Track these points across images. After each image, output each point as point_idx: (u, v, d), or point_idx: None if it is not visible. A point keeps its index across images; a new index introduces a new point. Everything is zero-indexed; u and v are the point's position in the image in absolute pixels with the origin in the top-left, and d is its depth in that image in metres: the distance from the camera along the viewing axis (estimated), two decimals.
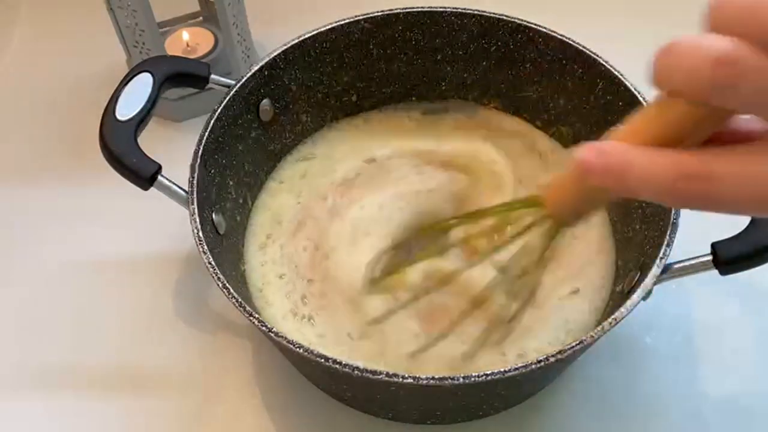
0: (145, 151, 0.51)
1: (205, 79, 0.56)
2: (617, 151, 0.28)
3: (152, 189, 0.51)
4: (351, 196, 0.60)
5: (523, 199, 0.39)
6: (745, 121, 0.28)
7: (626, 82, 0.55)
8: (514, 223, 0.40)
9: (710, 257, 0.47)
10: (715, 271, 0.47)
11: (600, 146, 0.28)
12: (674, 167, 0.26)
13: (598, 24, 0.73)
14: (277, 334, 0.44)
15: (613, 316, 0.44)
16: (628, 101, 0.54)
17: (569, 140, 0.62)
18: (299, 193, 0.61)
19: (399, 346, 0.52)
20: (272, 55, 0.58)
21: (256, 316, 0.45)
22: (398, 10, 0.61)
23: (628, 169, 0.27)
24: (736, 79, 0.24)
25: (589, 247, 0.57)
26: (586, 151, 0.28)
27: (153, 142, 0.53)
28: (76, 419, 0.55)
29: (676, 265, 0.47)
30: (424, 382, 0.42)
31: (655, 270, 0.46)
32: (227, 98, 0.55)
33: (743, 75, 0.24)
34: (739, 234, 0.46)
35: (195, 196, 0.50)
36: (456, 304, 0.53)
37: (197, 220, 0.49)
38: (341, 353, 0.52)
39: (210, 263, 0.47)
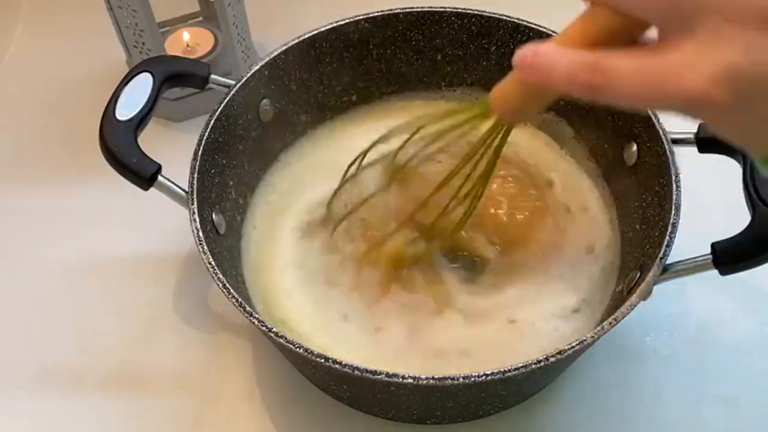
0: (145, 151, 0.51)
1: (205, 79, 0.56)
2: (547, 50, 0.34)
3: (152, 189, 0.51)
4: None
5: (471, 103, 0.43)
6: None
7: None
8: (463, 128, 0.44)
9: (710, 257, 0.46)
10: (715, 271, 0.47)
11: (534, 47, 0.34)
12: (580, 61, 0.32)
13: None
14: (277, 334, 0.44)
15: (613, 316, 0.44)
16: None
17: (569, 138, 0.62)
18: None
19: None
20: (272, 55, 0.58)
21: (256, 316, 0.45)
22: (398, 10, 0.61)
23: (551, 64, 0.33)
24: None
25: (589, 246, 0.57)
26: (524, 51, 0.34)
27: (153, 142, 0.53)
28: (76, 419, 0.55)
29: (676, 265, 0.47)
30: (424, 382, 0.42)
31: (655, 270, 0.46)
32: (227, 98, 0.55)
33: None
34: (739, 234, 0.46)
35: (195, 196, 0.50)
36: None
37: (197, 220, 0.49)
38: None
39: (210, 263, 0.47)
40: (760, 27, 0.28)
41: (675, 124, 0.52)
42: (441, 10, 0.61)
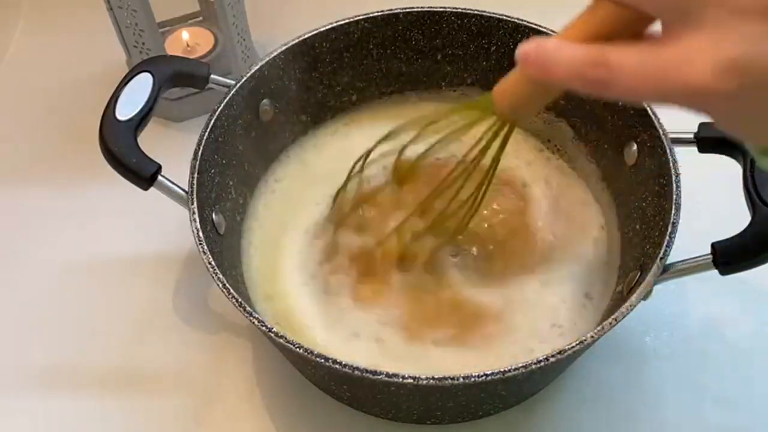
0: (145, 151, 0.51)
1: (205, 79, 0.56)
2: (550, 44, 0.33)
3: (152, 189, 0.51)
4: None
5: (474, 100, 0.42)
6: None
7: None
8: (464, 127, 0.44)
9: (710, 257, 0.47)
10: (715, 271, 0.47)
11: (537, 41, 0.33)
12: (584, 55, 0.32)
13: None
14: (277, 334, 0.44)
15: (613, 316, 0.44)
16: None
17: (569, 138, 0.62)
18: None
19: None
20: (272, 55, 0.58)
21: (256, 316, 0.45)
22: (398, 10, 0.61)
23: (555, 58, 0.32)
24: None
25: (589, 246, 0.57)
26: (527, 45, 0.33)
27: (153, 142, 0.53)
28: (76, 419, 0.55)
29: (676, 265, 0.47)
30: (424, 382, 0.42)
31: (655, 270, 0.46)
32: (227, 98, 0.55)
33: None
34: (739, 234, 0.46)
35: (195, 196, 0.50)
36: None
37: (197, 220, 0.49)
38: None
39: (210, 263, 0.47)
40: (763, 18, 0.28)
41: (675, 124, 0.52)
42: (441, 10, 0.61)
